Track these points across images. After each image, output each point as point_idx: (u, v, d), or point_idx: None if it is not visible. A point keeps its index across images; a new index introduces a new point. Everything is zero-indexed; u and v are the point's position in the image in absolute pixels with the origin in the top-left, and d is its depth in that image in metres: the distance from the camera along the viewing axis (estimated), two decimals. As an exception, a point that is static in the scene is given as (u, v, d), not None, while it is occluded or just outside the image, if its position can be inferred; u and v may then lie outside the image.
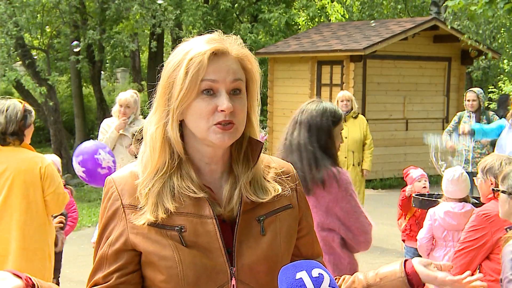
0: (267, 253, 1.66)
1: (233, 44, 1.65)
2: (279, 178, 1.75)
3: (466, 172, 8.73)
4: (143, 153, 1.68)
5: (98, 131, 7.03)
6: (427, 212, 5.49)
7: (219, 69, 1.60)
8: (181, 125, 1.65)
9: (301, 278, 1.45)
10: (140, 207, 1.62)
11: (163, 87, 1.63)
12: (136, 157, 6.19)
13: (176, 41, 18.83)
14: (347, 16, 20.44)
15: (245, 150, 1.70)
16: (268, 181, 1.72)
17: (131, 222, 1.62)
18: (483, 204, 4.04)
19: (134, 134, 6.61)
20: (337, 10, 19.95)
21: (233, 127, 1.60)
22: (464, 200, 5.06)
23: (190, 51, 1.61)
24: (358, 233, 3.24)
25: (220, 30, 1.68)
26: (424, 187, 6.05)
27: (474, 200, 6.10)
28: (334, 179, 3.23)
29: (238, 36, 1.68)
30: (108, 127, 6.79)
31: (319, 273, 1.46)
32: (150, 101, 1.70)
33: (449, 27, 13.36)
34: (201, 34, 1.70)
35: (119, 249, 1.63)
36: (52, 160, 5.88)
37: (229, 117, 1.59)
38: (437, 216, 5.04)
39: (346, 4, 20.52)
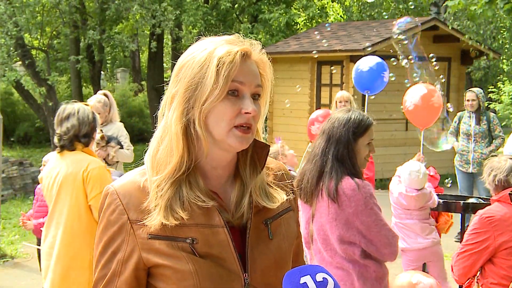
0: (277, 257, 1.66)
1: (256, 49, 1.64)
2: (281, 183, 1.75)
3: (467, 173, 8.77)
4: (154, 152, 1.63)
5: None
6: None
7: (246, 72, 1.59)
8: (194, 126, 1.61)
9: (305, 282, 1.45)
10: (148, 216, 1.58)
11: (186, 86, 1.58)
12: (106, 162, 6.12)
13: (176, 41, 18.83)
14: (345, 17, 20.46)
15: (251, 154, 1.69)
16: (270, 186, 1.72)
17: (141, 238, 1.58)
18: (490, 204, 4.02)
19: (102, 138, 6.51)
20: (336, 11, 19.96)
21: (250, 132, 1.60)
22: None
23: (216, 50, 1.58)
24: (381, 245, 3.17)
25: (238, 35, 1.66)
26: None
27: (481, 200, 6.22)
28: (353, 192, 3.15)
29: (259, 42, 1.66)
30: None
31: (323, 278, 1.46)
32: (159, 101, 1.66)
33: (450, 27, 13.37)
34: (202, 34, 1.69)
35: (132, 268, 1.59)
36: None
37: (250, 120, 1.59)
38: (394, 194, 5.53)
39: (346, 4, 20.52)
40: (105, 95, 6.71)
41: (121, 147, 6.53)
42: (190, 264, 1.56)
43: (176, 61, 1.66)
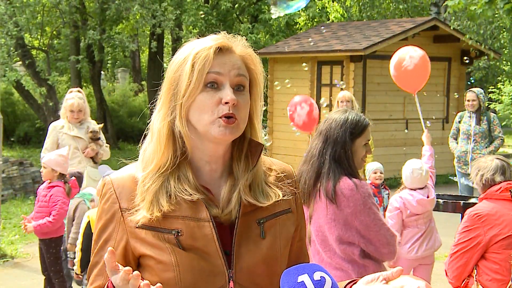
0: (267, 256, 1.66)
1: (238, 44, 1.67)
2: (280, 183, 1.74)
3: (466, 174, 8.76)
4: (144, 151, 1.68)
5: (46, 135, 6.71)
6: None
7: (223, 63, 1.62)
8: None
9: (303, 281, 1.45)
10: (136, 207, 1.62)
11: (169, 84, 1.64)
12: (93, 160, 6.23)
13: (176, 41, 18.83)
14: (345, 16, 20.45)
15: (246, 152, 1.70)
16: (269, 185, 1.72)
17: (130, 226, 1.62)
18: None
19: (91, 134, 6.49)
20: (336, 10, 19.95)
21: (235, 122, 1.60)
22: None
23: (195, 48, 1.62)
24: (380, 245, 3.18)
25: (224, 32, 1.69)
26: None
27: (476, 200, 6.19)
28: (351, 192, 3.15)
29: (243, 37, 1.69)
30: (53, 131, 6.53)
31: (321, 276, 1.45)
32: (154, 100, 1.70)
33: (452, 27, 13.36)
34: (202, 34, 1.71)
35: (121, 255, 1.63)
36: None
37: (232, 110, 1.59)
38: (408, 205, 5.24)
39: (346, 4, 20.50)
40: (80, 92, 6.71)
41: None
42: (172, 256, 1.58)
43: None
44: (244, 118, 1.64)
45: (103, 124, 6.67)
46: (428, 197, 5.27)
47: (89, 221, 4.99)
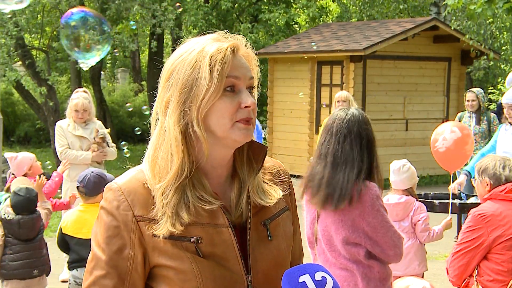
0: (277, 257, 1.66)
1: (241, 43, 1.64)
2: (277, 180, 1.74)
3: (465, 174, 8.73)
4: (153, 160, 1.61)
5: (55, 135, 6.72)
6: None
7: (239, 66, 1.59)
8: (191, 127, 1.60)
9: (304, 281, 1.45)
10: (154, 217, 1.57)
11: (180, 89, 1.57)
12: (97, 163, 6.17)
13: (176, 41, 18.84)
14: (344, 17, 20.44)
15: (247, 153, 1.69)
16: (266, 183, 1.71)
17: (147, 235, 1.57)
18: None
19: (94, 138, 6.49)
20: (331, 13, 19.96)
21: (251, 124, 1.60)
22: (408, 192, 4.99)
23: (206, 49, 1.58)
24: (387, 247, 3.19)
25: (224, 31, 1.66)
26: None
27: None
28: (360, 193, 3.15)
29: (242, 36, 1.66)
30: (62, 130, 6.53)
31: (322, 276, 1.46)
32: (152, 104, 1.65)
33: (452, 28, 13.36)
34: (203, 34, 1.68)
35: (141, 263, 1.58)
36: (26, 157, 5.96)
37: (250, 114, 1.58)
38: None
39: (345, 2, 20.50)
40: (85, 92, 6.71)
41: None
42: (193, 265, 1.55)
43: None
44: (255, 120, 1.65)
45: (110, 129, 6.65)
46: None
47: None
